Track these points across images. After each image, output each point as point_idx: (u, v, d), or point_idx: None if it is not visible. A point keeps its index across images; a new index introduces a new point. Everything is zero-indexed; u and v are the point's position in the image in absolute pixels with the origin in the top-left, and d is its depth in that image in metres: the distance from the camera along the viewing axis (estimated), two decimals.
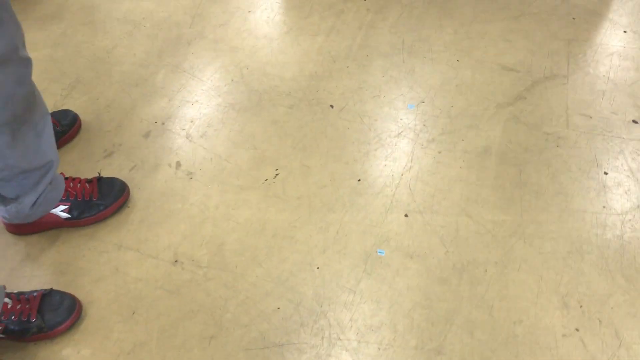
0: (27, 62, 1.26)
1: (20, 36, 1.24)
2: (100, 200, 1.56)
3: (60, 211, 1.51)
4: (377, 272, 1.46)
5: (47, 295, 1.36)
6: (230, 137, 1.79)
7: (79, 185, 1.55)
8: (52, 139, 1.43)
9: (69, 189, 1.53)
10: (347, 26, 2.17)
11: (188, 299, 1.42)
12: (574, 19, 2.18)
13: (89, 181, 1.57)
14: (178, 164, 1.72)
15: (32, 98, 1.31)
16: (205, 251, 1.51)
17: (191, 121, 1.84)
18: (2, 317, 1.30)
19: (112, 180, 1.61)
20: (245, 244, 1.52)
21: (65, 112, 1.79)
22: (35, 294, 1.36)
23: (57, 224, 1.54)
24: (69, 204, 1.52)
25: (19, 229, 1.54)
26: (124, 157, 1.74)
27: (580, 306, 1.39)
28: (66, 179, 1.54)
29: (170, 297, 1.42)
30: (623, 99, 1.86)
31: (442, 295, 1.41)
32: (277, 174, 1.68)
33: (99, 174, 1.61)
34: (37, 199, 1.44)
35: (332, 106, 1.87)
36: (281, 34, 2.15)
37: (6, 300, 1.32)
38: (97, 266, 1.49)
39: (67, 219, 1.52)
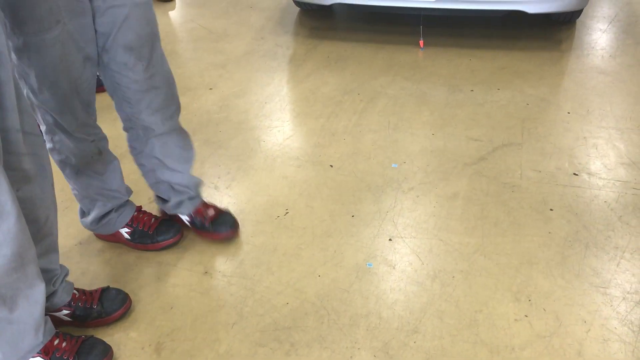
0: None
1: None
2: (158, 236, 1.94)
3: (125, 232, 1.94)
4: (366, 278, 1.82)
5: (105, 290, 1.73)
6: (249, 187, 2.23)
7: (145, 218, 1.96)
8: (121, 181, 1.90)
9: (135, 218, 1.94)
10: (344, 112, 2.70)
11: (215, 298, 1.78)
12: (527, 104, 2.69)
13: (156, 217, 1.98)
14: None
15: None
16: (229, 265, 1.89)
17: (218, 177, 2.29)
18: (72, 303, 1.67)
19: (173, 223, 1.99)
20: (261, 260, 1.90)
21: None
22: (96, 289, 1.73)
23: (121, 241, 1.96)
24: (132, 229, 1.94)
25: (100, 236, 1.99)
26: None
27: (529, 300, 1.73)
28: (142, 211, 1.98)
29: (201, 297, 1.78)
30: (566, 159, 2.31)
31: (418, 294, 1.77)
32: (286, 212, 2.10)
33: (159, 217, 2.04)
34: (102, 220, 1.89)
35: (331, 166, 2.33)
36: (291, 117, 2.67)
37: (74, 291, 1.69)
38: (142, 276, 1.86)
39: (127, 239, 1.94)
